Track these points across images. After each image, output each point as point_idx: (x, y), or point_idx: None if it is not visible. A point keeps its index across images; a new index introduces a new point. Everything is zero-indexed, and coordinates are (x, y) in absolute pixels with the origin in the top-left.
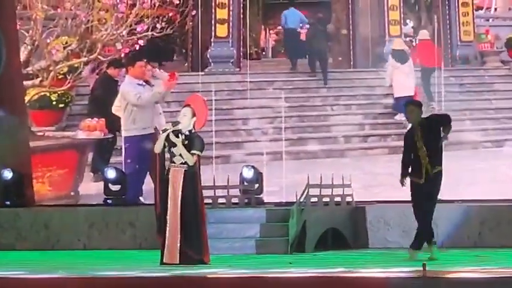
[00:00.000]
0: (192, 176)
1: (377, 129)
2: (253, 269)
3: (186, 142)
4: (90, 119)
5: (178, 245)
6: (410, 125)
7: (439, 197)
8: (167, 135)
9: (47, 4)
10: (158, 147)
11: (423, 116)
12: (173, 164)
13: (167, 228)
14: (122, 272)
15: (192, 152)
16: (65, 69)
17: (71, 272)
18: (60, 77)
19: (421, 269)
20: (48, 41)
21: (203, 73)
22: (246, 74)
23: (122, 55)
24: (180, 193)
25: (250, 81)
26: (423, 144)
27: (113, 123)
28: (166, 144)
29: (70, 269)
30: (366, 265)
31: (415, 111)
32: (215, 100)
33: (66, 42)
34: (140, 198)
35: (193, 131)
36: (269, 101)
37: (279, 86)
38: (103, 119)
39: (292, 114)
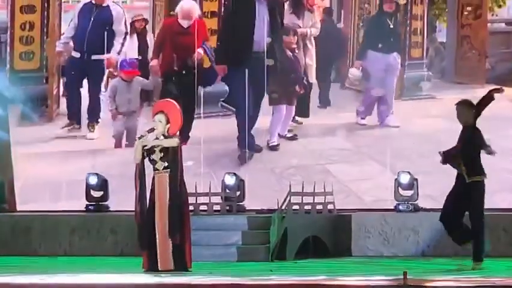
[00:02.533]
0: (176, 179)
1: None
2: (234, 277)
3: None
4: None
5: (171, 251)
6: None
7: (427, 206)
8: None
9: None
10: (137, 158)
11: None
12: (156, 171)
13: (157, 236)
14: (105, 278)
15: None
16: None
17: (51, 278)
18: None
19: (402, 277)
20: None
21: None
22: None
23: None
24: (168, 197)
25: None
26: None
27: None
28: (145, 154)
29: (50, 275)
30: (347, 273)
31: (464, 112)
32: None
33: None
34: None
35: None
36: None
37: None
38: None
39: None
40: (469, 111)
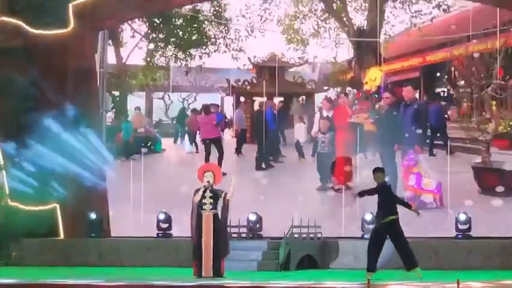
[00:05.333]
0: (217, 217)
1: None
2: (255, 281)
3: (211, 194)
4: None
5: (211, 265)
6: None
7: None
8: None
9: None
10: (197, 198)
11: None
12: (204, 210)
13: (203, 254)
14: (169, 281)
15: (224, 194)
16: None
17: (133, 280)
18: None
19: (366, 282)
20: None
21: None
22: None
23: None
24: (212, 230)
25: None
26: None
27: None
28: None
29: (132, 279)
30: (329, 279)
31: (381, 177)
32: None
33: None
34: None
35: (214, 186)
36: None
37: None
38: None
39: None
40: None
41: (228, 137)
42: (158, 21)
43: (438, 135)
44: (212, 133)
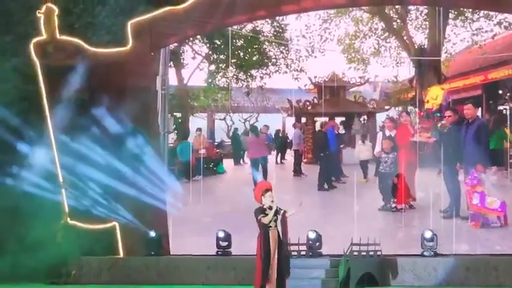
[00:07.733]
0: (279, 233)
1: None
2: None
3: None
4: None
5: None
6: None
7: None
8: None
9: None
10: (267, 221)
11: None
12: (271, 228)
13: (270, 271)
14: None
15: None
16: None
17: None
18: None
19: None
20: None
21: None
22: None
23: None
24: (277, 247)
25: None
26: None
27: None
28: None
29: None
30: None
31: None
32: None
33: None
34: None
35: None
36: None
37: None
38: None
39: None
40: None
41: (290, 158)
42: (219, 43)
43: None
44: (260, 152)
